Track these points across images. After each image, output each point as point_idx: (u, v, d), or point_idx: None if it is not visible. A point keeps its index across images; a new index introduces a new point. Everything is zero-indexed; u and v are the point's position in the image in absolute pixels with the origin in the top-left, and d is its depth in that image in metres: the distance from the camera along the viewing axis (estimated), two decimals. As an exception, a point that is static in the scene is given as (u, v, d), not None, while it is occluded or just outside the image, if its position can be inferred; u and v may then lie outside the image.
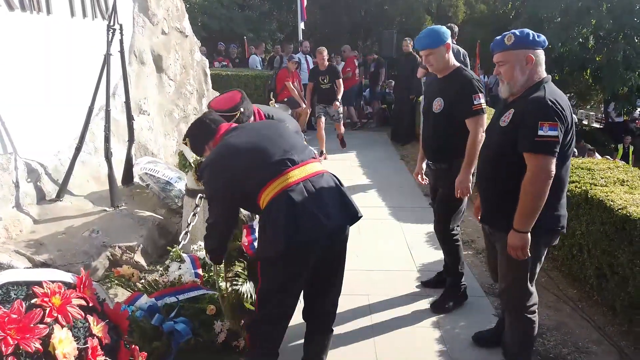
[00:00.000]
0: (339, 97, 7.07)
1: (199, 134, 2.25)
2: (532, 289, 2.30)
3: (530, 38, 2.15)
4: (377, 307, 3.14)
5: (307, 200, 1.96)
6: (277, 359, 2.17)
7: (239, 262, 2.48)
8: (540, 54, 2.17)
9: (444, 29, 2.91)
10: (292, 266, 2.02)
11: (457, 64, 2.94)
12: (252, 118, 2.77)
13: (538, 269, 2.30)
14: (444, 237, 3.13)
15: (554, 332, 2.88)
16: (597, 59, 13.70)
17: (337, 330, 2.84)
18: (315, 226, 1.96)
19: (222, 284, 2.44)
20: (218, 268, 2.47)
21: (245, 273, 2.46)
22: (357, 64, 10.06)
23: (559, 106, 2.04)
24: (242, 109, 2.58)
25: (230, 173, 2.02)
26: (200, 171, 2.26)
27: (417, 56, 8.00)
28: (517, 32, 2.17)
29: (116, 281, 2.67)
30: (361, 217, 2.23)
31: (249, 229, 2.48)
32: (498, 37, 2.23)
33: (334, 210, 2.04)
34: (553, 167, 2.03)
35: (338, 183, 2.16)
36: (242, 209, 2.37)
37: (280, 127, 2.30)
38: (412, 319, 3.01)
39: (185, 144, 2.31)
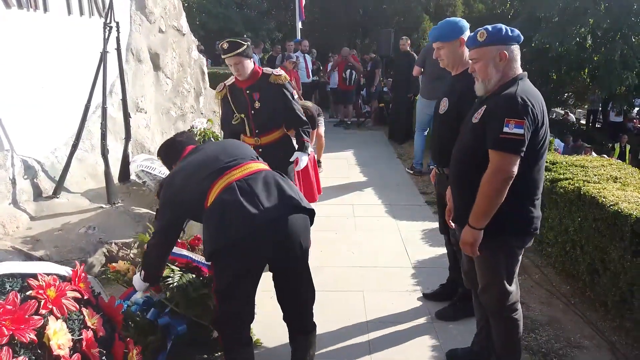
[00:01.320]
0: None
1: (167, 153, 2.44)
2: (512, 288, 2.20)
3: (503, 33, 2.06)
4: (371, 303, 3.16)
5: (237, 196, 2.00)
6: (250, 347, 2.24)
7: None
8: (515, 49, 2.09)
9: (462, 22, 2.71)
10: (236, 262, 2.03)
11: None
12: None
13: (516, 269, 2.22)
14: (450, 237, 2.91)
15: (547, 327, 2.90)
16: (595, 58, 13.75)
17: (332, 325, 2.88)
18: (243, 217, 1.97)
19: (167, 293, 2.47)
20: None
21: (178, 269, 2.49)
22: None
23: (529, 103, 1.96)
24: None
25: (177, 189, 2.16)
26: (159, 190, 2.36)
27: (415, 55, 8.04)
28: (489, 27, 2.08)
29: (112, 277, 2.68)
30: (310, 209, 2.19)
31: None
32: (471, 34, 2.15)
33: (267, 201, 2.03)
34: (514, 168, 1.94)
35: (278, 178, 2.17)
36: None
37: (227, 143, 2.50)
38: (407, 316, 3.04)
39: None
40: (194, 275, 2.49)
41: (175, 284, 2.39)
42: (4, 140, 3.16)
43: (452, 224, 2.41)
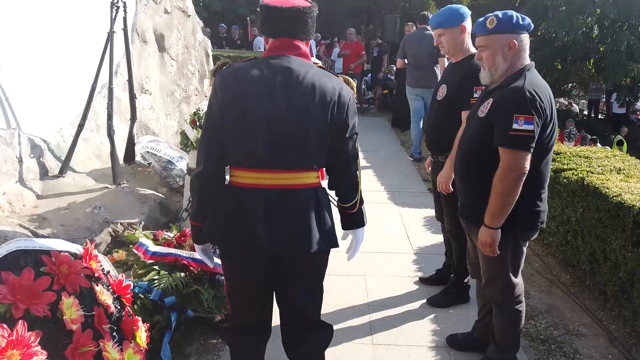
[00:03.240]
0: None
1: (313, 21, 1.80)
2: (517, 280, 2.19)
3: (514, 21, 1.99)
4: (373, 287, 3.20)
5: (256, 214, 1.68)
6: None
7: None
8: (525, 38, 2.03)
9: (464, 9, 2.70)
10: (232, 268, 1.83)
11: (474, 51, 2.61)
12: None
13: (522, 261, 2.21)
14: (456, 235, 2.83)
15: (546, 315, 2.95)
16: (601, 49, 13.64)
17: (334, 308, 2.92)
18: (246, 240, 1.70)
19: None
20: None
21: (165, 271, 2.51)
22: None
23: (537, 98, 1.92)
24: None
25: (219, 106, 1.70)
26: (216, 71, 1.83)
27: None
28: (500, 14, 2.01)
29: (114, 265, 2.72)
30: (318, 249, 1.75)
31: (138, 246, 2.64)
32: (480, 19, 2.08)
33: (279, 234, 1.69)
34: (526, 164, 1.92)
35: (312, 210, 1.74)
36: None
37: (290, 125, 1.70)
38: (408, 299, 3.08)
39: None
40: (182, 274, 2.51)
41: (162, 285, 2.42)
42: (11, 119, 3.17)
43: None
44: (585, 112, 17.08)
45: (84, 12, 3.83)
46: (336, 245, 1.82)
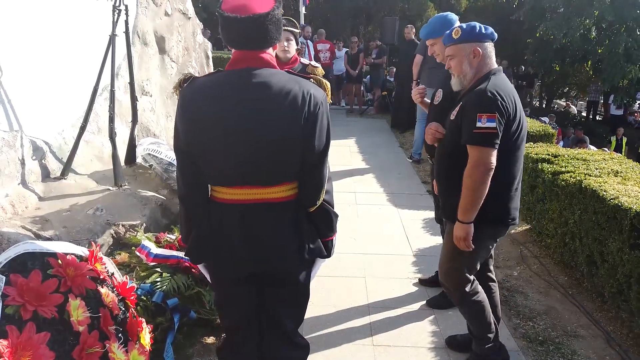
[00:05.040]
0: None
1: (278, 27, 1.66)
2: (471, 277, 2.30)
3: (477, 31, 2.16)
4: (373, 289, 3.23)
5: (232, 232, 1.66)
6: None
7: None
8: (489, 46, 2.19)
9: (451, 16, 2.81)
10: (215, 282, 1.82)
11: None
12: None
13: (480, 260, 2.31)
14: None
15: (544, 317, 2.97)
16: (599, 50, 13.70)
17: (335, 309, 2.94)
18: (224, 259, 1.70)
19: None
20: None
21: (167, 273, 2.53)
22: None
23: (499, 97, 2.04)
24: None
25: (186, 122, 1.62)
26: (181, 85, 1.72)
27: (419, 43, 8.02)
28: (464, 25, 2.19)
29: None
30: (285, 269, 1.74)
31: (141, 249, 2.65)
32: (447, 32, 2.26)
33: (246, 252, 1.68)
34: (492, 159, 2.03)
35: (289, 225, 1.70)
36: None
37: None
38: (407, 301, 3.11)
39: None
40: (184, 276, 2.54)
41: (164, 287, 2.44)
42: (14, 121, 3.18)
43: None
44: (584, 114, 17.13)
45: (85, 16, 3.85)
46: (323, 255, 1.78)
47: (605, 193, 2.92)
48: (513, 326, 2.88)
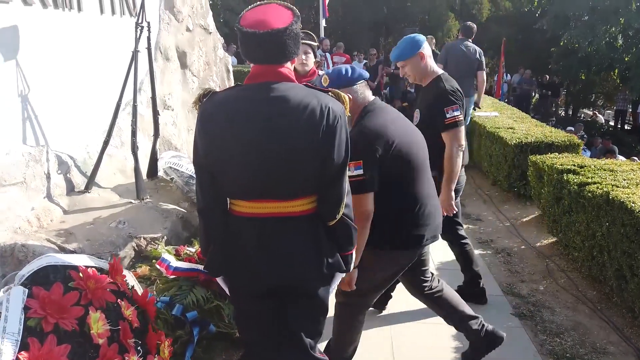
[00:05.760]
0: None
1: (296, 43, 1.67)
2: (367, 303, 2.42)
3: (343, 77, 2.15)
4: (394, 301, 3.17)
5: (251, 246, 1.67)
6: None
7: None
8: (359, 87, 2.18)
9: (417, 37, 2.82)
10: (234, 296, 1.82)
11: (439, 72, 2.84)
12: None
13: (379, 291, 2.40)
14: (452, 240, 3.17)
15: (572, 332, 2.88)
16: (626, 59, 13.41)
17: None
18: (241, 274, 1.71)
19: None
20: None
21: (183, 287, 2.52)
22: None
23: (367, 143, 2.03)
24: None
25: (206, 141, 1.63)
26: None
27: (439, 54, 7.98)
28: (330, 71, 2.21)
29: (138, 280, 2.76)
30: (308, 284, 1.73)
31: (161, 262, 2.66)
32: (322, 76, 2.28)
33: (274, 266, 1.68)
34: (369, 205, 2.03)
35: (309, 240, 1.69)
36: None
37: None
38: (430, 315, 3.02)
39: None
40: (204, 290, 2.54)
41: (184, 300, 2.44)
42: (40, 137, 3.27)
43: None
44: (612, 123, 16.74)
45: (109, 33, 3.95)
46: (342, 270, 1.77)
47: (634, 205, 2.83)
48: (540, 342, 2.79)
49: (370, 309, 3.00)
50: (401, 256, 2.24)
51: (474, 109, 6.40)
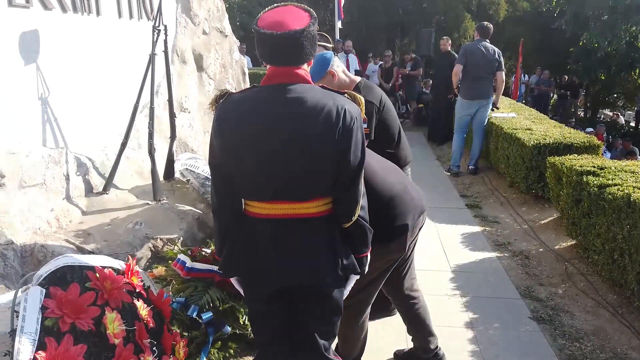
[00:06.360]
0: None
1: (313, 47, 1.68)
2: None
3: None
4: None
5: (267, 247, 1.66)
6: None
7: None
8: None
9: (325, 56, 2.74)
10: (247, 298, 1.82)
11: (357, 81, 2.76)
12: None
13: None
14: None
15: (592, 337, 2.82)
16: (646, 58, 13.15)
17: (371, 327, 2.88)
18: (255, 276, 1.71)
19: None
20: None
21: (198, 288, 2.52)
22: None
23: None
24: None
25: (222, 140, 1.64)
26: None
27: (456, 55, 7.93)
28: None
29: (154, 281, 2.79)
30: (324, 286, 1.71)
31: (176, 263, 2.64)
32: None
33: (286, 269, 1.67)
34: None
35: (323, 242, 1.69)
36: None
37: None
38: (446, 319, 3.01)
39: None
40: (219, 290, 2.55)
41: (199, 301, 2.45)
42: (59, 139, 3.32)
43: None
44: (633, 124, 16.40)
45: (127, 36, 4.00)
46: (356, 272, 1.76)
47: (656, 207, 2.76)
48: (558, 347, 2.74)
49: (386, 317, 2.99)
50: (391, 247, 2.18)
51: (492, 110, 6.33)
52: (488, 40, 6.14)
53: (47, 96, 3.24)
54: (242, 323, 2.54)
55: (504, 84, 6.40)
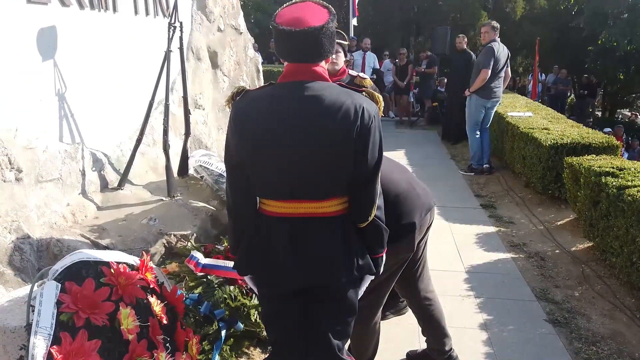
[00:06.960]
0: None
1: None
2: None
3: None
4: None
5: (283, 246, 1.65)
6: None
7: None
8: None
9: None
10: (261, 297, 1.81)
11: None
12: None
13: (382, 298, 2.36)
14: None
15: (609, 341, 2.77)
16: (667, 57, 12.91)
17: (383, 327, 2.86)
18: (270, 275, 1.70)
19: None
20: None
21: (214, 281, 2.52)
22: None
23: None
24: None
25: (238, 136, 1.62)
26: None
27: (472, 53, 7.85)
28: None
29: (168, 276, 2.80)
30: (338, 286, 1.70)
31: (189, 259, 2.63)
32: None
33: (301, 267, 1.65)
34: None
35: (338, 242, 1.66)
36: None
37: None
38: (460, 320, 2.98)
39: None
40: (232, 287, 2.56)
41: (212, 298, 2.46)
42: (75, 134, 3.35)
43: None
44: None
45: (142, 33, 4.02)
46: (372, 272, 1.74)
47: (678, 209, 2.70)
48: (574, 350, 2.70)
49: (397, 317, 2.97)
50: (400, 246, 2.15)
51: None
52: (497, 38, 6.30)
53: (64, 92, 3.26)
54: (253, 320, 2.54)
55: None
